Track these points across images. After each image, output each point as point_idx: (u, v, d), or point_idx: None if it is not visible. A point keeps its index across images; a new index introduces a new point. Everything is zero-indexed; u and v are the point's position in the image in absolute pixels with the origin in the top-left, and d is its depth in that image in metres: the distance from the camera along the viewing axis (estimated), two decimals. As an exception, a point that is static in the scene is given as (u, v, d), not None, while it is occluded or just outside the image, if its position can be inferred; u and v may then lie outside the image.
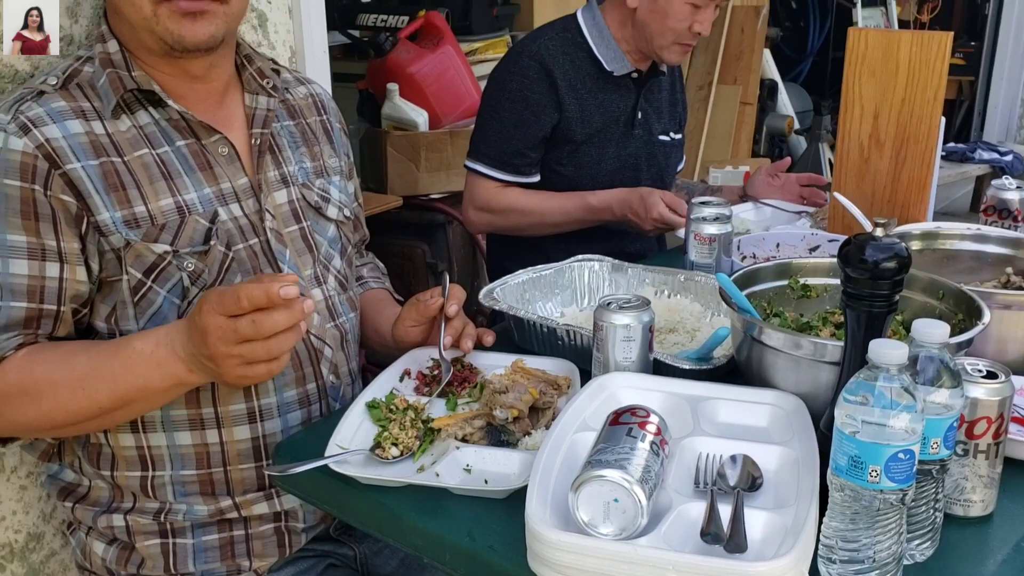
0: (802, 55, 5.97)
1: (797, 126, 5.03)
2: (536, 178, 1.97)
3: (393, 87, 2.71)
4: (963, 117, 6.32)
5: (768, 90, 4.90)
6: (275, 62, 1.35)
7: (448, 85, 2.80)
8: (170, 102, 1.16)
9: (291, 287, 0.96)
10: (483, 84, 2.34)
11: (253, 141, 1.24)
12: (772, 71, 4.93)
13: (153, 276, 1.13)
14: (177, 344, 1.04)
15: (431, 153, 2.72)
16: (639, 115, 1.99)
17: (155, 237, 1.13)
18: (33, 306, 1.09)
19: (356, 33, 3.33)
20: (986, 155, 5.14)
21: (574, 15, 1.99)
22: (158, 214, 1.13)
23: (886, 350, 0.81)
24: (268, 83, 1.27)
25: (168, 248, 1.13)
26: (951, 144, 5.57)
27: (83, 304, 1.14)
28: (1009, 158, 5.18)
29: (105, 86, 1.14)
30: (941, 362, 0.88)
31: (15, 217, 1.08)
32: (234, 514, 1.21)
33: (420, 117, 2.72)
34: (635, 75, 1.97)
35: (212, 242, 1.16)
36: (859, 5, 5.46)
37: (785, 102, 5.03)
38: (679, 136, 2.12)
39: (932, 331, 0.88)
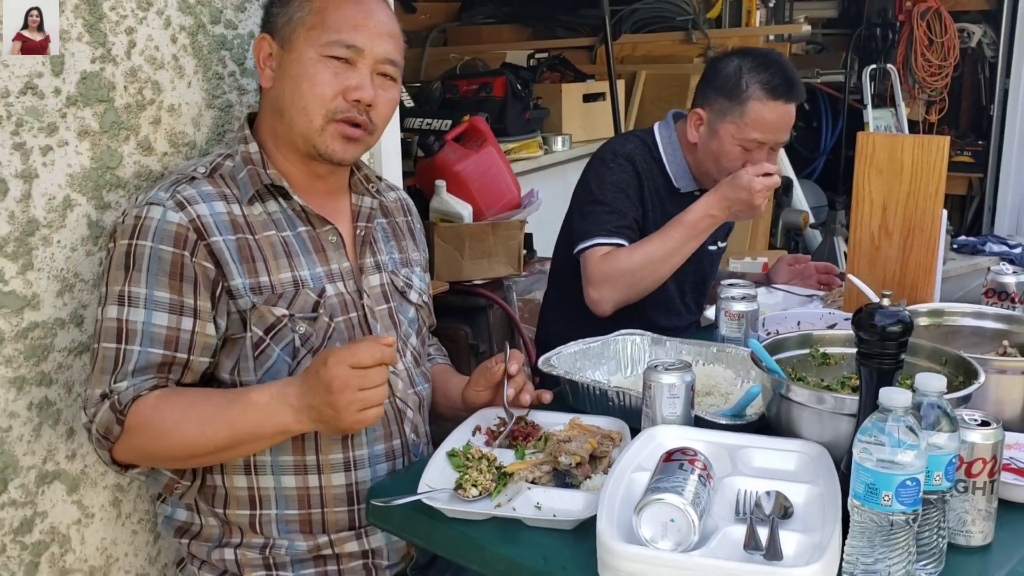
0: (816, 154, 6.22)
1: (812, 220, 5.24)
2: None
3: (441, 183, 2.96)
4: (975, 212, 6.52)
5: (783, 187, 5.13)
6: (376, 172, 1.60)
7: (491, 182, 3.04)
8: (295, 196, 1.40)
9: (389, 336, 1.19)
10: (520, 179, 2.54)
11: (358, 232, 1.47)
12: (787, 168, 5.17)
13: (272, 335, 1.34)
14: (291, 396, 1.24)
15: (475, 243, 2.94)
16: None
17: (274, 303, 1.35)
18: (168, 353, 1.30)
19: (402, 135, 3.61)
20: (996, 248, 5.31)
21: (652, 129, 2.17)
22: (278, 284, 1.36)
23: (893, 395, 1.00)
24: (373, 187, 1.52)
25: (285, 312, 1.35)
26: (962, 237, 5.74)
27: (210, 356, 1.34)
28: (1018, 250, 5.34)
29: (245, 179, 1.38)
30: (940, 409, 1.07)
31: (164, 277, 1.30)
32: (329, 551, 1.39)
33: (465, 210, 2.96)
34: (697, 193, 2.10)
35: (320, 311, 1.37)
36: (869, 107, 5.74)
37: (800, 198, 5.26)
38: (724, 244, 2.30)
39: (932, 383, 1.07)
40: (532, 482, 1.29)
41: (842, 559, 1.03)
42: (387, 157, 1.85)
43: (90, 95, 1.41)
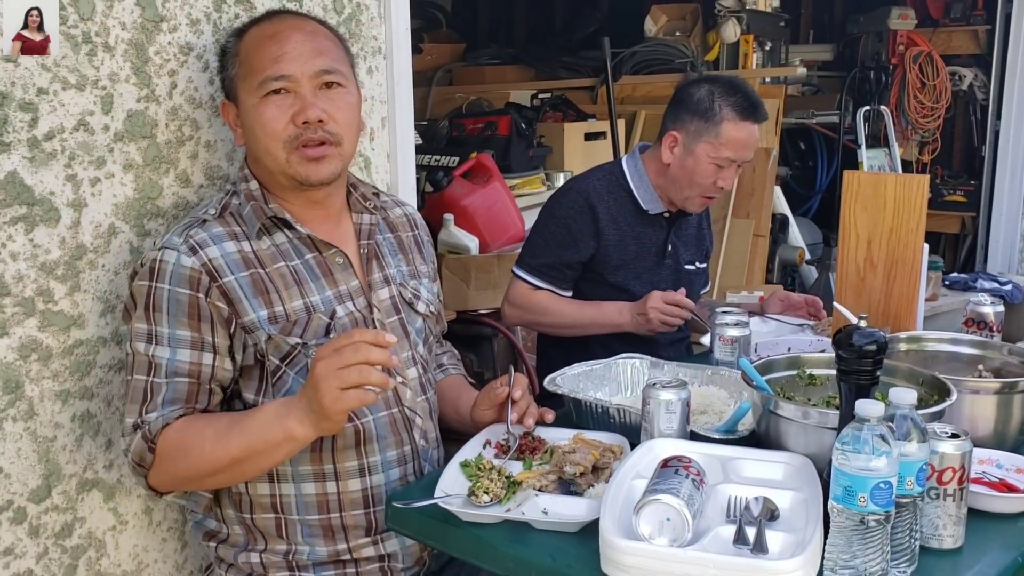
0: (811, 192, 6.36)
1: (808, 257, 5.36)
2: (568, 294, 2.30)
3: (449, 217, 3.10)
4: (967, 250, 6.64)
5: (779, 224, 5.25)
6: (375, 187, 1.69)
7: (496, 216, 3.18)
8: (298, 226, 1.50)
9: (391, 335, 1.29)
10: (524, 214, 2.68)
11: (362, 251, 1.57)
12: (783, 206, 5.30)
13: (287, 362, 1.45)
14: (293, 402, 1.34)
15: (480, 274, 3.07)
16: (669, 247, 2.34)
17: (289, 331, 1.45)
18: (193, 382, 1.41)
19: (410, 170, 3.75)
20: (987, 284, 5.42)
21: (620, 160, 2.39)
22: (291, 312, 1.46)
23: (868, 407, 1.11)
24: (370, 204, 1.61)
25: (299, 341, 1.45)
26: (954, 274, 5.87)
27: (226, 387, 1.45)
28: (1008, 287, 5.48)
29: (250, 214, 1.48)
30: (911, 420, 1.18)
31: (183, 317, 1.41)
32: (347, 556, 1.49)
33: (472, 243, 3.09)
34: (667, 214, 2.33)
35: (331, 334, 1.47)
36: (863, 147, 5.88)
37: (796, 235, 5.38)
38: (703, 265, 2.47)
39: (904, 396, 1.18)
40: (539, 490, 1.39)
41: (823, 558, 1.14)
42: (403, 187, 1.96)
43: (135, 131, 1.54)
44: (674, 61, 4.97)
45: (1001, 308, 1.93)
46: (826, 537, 1.14)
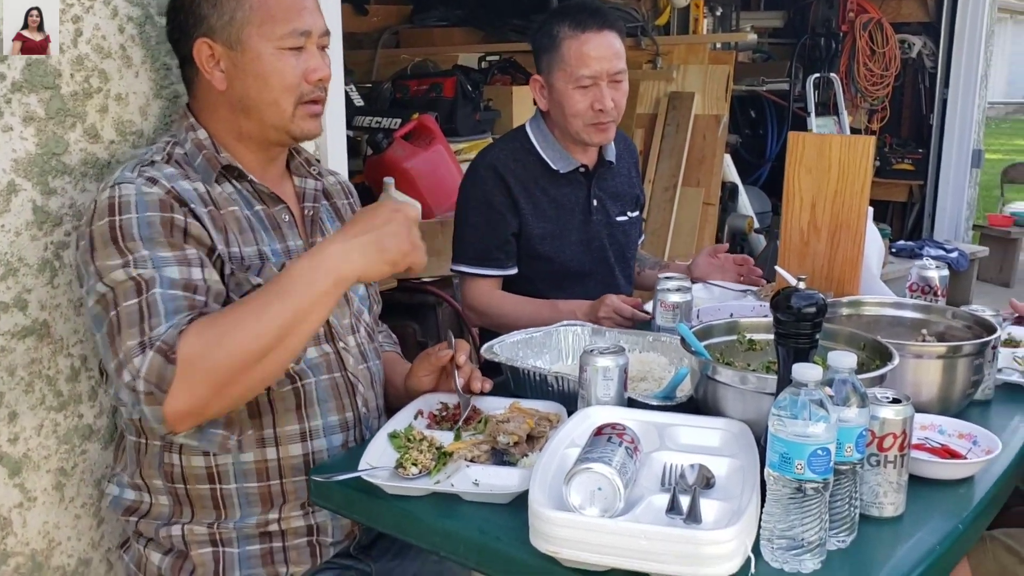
0: (761, 160, 6.36)
1: (757, 225, 5.37)
2: (514, 270, 2.21)
3: (389, 180, 3.00)
4: (915, 218, 6.72)
5: (729, 192, 5.25)
6: (313, 156, 1.64)
7: (439, 180, 3.10)
8: (251, 176, 1.45)
9: None
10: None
11: (306, 212, 1.52)
12: (733, 175, 5.29)
13: None
14: (325, 249, 1.26)
15: (423, 240, 2.98)
16: (594, 202, 2.25)
17: (246, 272, 1.38)
18: (191, 297, 1.27)
19: (351, 133, 3.64)
20: (933, 252, 5.52)
21: (524, 126, 2.27)
22: (247, 256, 1.40)
23: (806, 371, 1.06)
24: (314, 170, 1.57)
25: (260, 281, 1.37)
26: (901, 242, 5.95)
27: (224, 302, 1.33)
28: (955, 255, 5.57)
29: (202, 164, 1.42)
30: (851, 384, 1.14)
31: (160, 238, 1.30)
32: (275, 527, 1.42)
33: (413, 208, 3.00)
34: (582, 169, 2.23)
35: None
36: (813, 115, 5.89)
37: (745, 203, 5.38)
38: (636, 214, 2.37)
39: (843, 360, 1.13)
40: (471, 460, 1.33)
41: (760, 527, 1.09)
42: (333, 152, 1.88)
43: (35, 81, 1.43)
44: (624, 25, 4.90)
45: (946, 272, 1.91)
46: (763, 505, 1.10)
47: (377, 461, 1.32)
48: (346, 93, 3.69)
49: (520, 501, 1.19)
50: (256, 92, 1.41)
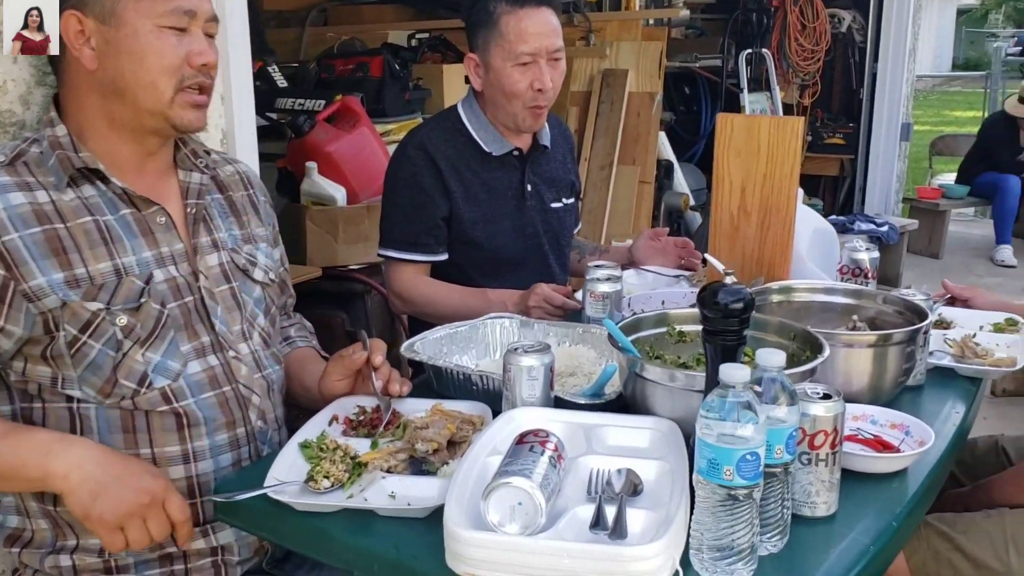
0: (696, 137, 6.36)
1: (692, 203, 5.36)
2: (444, 256, 2.12)
3: (312, 165, 2.89)
4: (846, 192, 6.80)
5: (664, 170, 5.23)
6: (204, 145, 1.51)
7: (364, 163, 2.99)
8: (113, 179, 1.32)
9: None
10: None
11: (188, 211, 1.40)
12: (668, 152, 5.27)
13: (88, 332, 1.26)
14: (71, 446, 1.22)
15: (349, 226, 2.89)
16: (528, 187, 2.16)
17: (93, 296, 1.26)
18: None
19: (274, 116, 3.51)
20: (864, 226, 5.58)
21: (455, 106, 2.17)
22: (97, 275, 1.27)
23: (732, 371, 1.01)
24: (201, 162, 1.44)
25: (102, 306, 1.26)
26: (833, 217, 6.00)
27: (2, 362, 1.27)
28: (885, 228, 5.63)
29: (55, 166, 1.28)
30: (779, 383, 1.09)
31: None
32: (174, 549, 1.32)
33: (338, 193, 2.90)
34: (516, 153, 2.15)
35: (143, 300, 1.29)
36: (745, 91, 5.90)
37: (681, 181, 5.37)
38: (571, 200, 2.30)
39: (771, 358, 1.08)
40: (388, 471, 1.26)
41: (689, 535, 1.04)
42: (240, 135, 1.77)
43: (-102, 69, 1.30)
44: (560, 2, 4.83)
45: (876, 254, 1.88)
46: (693, 509, 1.05)
47: (286, 474, 1.24)
48: (269, 73, 3.56)
49: (439, 514, 1.11)
50: (131, 72, 1.29)
